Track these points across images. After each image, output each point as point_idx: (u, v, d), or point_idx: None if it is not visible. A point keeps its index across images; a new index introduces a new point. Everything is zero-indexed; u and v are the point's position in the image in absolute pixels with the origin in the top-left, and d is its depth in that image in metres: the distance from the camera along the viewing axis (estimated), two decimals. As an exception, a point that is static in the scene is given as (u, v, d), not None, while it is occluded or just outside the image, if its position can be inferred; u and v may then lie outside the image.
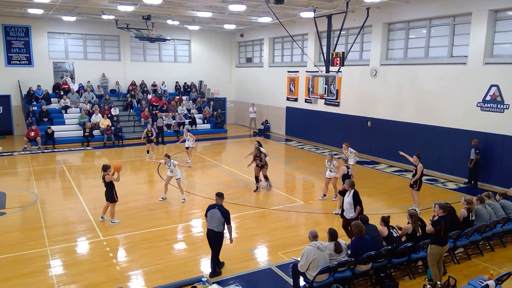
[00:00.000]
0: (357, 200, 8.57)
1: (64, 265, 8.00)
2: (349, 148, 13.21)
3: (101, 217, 10.23)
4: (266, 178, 13.12)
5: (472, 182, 13.78)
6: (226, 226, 7.35)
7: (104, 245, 8.88)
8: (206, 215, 7.41)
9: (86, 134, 20.19)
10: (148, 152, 17.46)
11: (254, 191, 12.91)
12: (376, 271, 7.30)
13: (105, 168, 9.84)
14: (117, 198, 10.02)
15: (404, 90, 16.29)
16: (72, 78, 23.48)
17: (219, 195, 7.45)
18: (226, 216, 7.23)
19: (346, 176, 10.34)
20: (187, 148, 16.71)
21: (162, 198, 11.91)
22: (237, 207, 11.34)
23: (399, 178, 14.73)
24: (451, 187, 13.54)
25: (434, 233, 7.06)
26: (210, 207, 7.39)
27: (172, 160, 11.53)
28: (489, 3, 13.23)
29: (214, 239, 7.35)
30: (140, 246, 8.83)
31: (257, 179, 12.96)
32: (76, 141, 20.33)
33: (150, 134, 17.29)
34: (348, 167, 10.77)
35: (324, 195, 12.11)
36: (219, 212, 7.22)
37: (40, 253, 8.46)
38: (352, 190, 8.65)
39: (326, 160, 11.89)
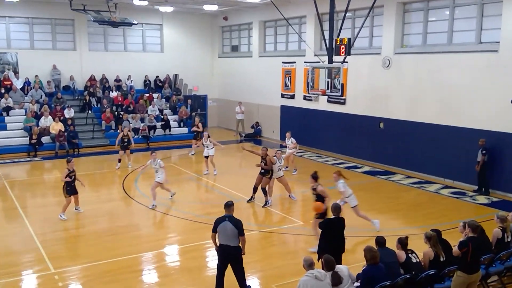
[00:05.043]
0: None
1: (5, 305, 7.88)
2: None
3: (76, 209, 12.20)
4: (264, 191, 13.06)
5: (483, 189, 14.29)
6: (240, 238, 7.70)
7: (55, 279, 8.76)
8: (214, 231, 7.77)
9: (33, 141, 19.99)
10: (119, 161, 17.64)
11: (248, 201, 13.43)
12: (392, 305, 7.27)
13: (69, 160, 11.88)
14: (66, 194, 11.86)
15: (423, 84, 16.44)
16: (16, 72, 23.26)
17: (228, 205, 7.86)
18: (239, 227, 7.62)
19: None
20: (206, 157, 16.70)
21: (153, 206, 12.78)
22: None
23: (418, 191, 14.83)
24: (481, 202, 13.69)
25: (460, 257, 7.08)
26: (219, 221, 7.72)
27: (158, 160, 12.57)
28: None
29: (233, 256, 7.68)
30: (101, 279, 8.74)
31: (254, 190, 13.33)
32: (20, 151, 20.11)
33: (126, 139, 17.68)
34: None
35: None
36: (230, 224, 7.60)
37: (-25, 290, 8.32)
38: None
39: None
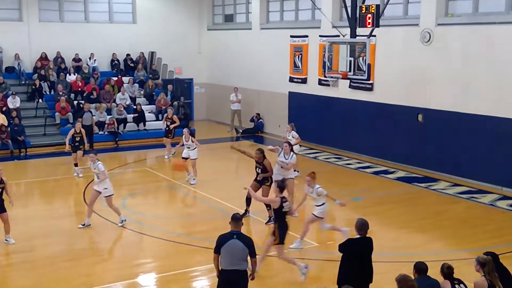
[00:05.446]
0: None
1: None
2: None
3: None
4: (266, 204, 13.00)
5: None
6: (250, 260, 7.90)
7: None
8: (217, 251, 7.84)
9: (-32, 138, 20.02)
10: (76, 165, 17.78)
11: (242, 215, 13.06)
12: None
13: None
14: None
15: (474, 64, 16.38)
16: None
17: (236, 219, 7.97)
18: (250, 246, 7.81)
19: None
20: (185, 158, 16.70)
21: (83, 224, 12.79)
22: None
23: (469, 203, 14.87)
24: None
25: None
26: (224, 239, 7.80)
27: (98, 162, 12.75)
28: None
29: (240, 284, 7.71)
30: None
31: (248, 202, 13.34)
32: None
33: (78, 138, 17.62)
34: None
35: None
36: (240, 242, 7.73)
37: None
38: None
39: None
